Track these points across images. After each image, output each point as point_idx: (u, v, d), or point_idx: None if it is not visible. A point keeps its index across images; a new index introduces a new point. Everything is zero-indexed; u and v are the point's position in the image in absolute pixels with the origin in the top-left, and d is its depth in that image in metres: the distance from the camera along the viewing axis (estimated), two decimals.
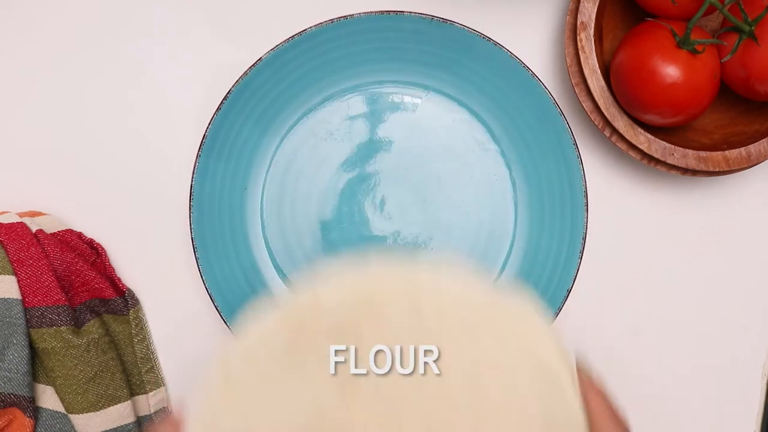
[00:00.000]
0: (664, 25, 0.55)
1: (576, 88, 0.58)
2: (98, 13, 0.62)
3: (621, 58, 0.56)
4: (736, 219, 0.63)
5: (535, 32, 0.62)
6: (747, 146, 0.57)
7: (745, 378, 0.63)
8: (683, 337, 0.63)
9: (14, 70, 0.62)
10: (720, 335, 0.63)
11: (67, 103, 0.62)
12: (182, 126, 0.61)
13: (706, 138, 0.60)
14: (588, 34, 0.57)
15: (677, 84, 0.54)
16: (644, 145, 0.57)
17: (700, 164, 0.57)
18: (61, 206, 0.61)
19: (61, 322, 0.56)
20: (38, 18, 0.62)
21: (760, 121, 0.59)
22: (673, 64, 0.54)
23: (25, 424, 0.55)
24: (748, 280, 0.63)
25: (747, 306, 0.63)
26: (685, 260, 0.63)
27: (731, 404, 0.63)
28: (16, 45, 0.62)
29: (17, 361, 0.55)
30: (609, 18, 0.60)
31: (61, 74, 0.62)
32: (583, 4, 0.57)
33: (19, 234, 0.57)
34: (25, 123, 0.62)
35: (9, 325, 0.55)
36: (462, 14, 0.60)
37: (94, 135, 0.62)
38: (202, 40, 0.62)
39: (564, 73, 0.62)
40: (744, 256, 0.63)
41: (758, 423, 0.63)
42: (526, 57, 0.60)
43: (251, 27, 0.61)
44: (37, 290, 0.56)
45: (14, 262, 0.56)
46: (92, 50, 0.62)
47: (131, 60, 0.62)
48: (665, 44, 0.54)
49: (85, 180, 0.62)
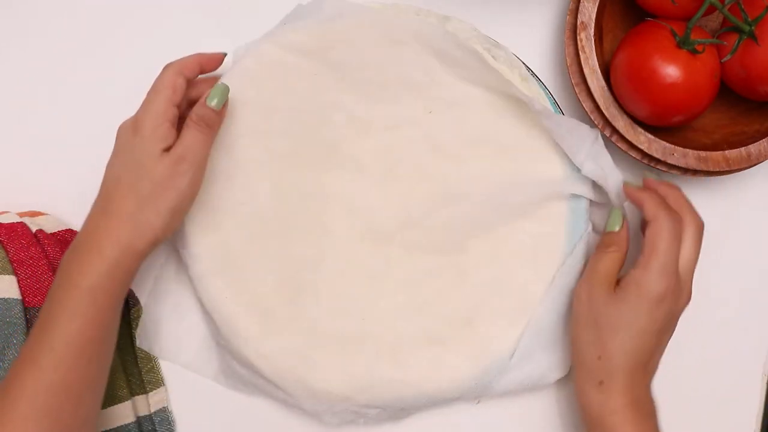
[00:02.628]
0: (664, 25, 0.55)
1: (576, 88, 0.58)
2: (98, 13, 0.62)
3: (621, 58, 0.56)
4: (736, 219, 0.63)
5: (535, 32, 0.62)
6: (747, 146, 0.57)
7: (745, 378, 0.63)
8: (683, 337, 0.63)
9: (14, 71, 0.62)
10: (720, 335, 0.63)
11: (67, 103, 0.62)
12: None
13: (706, 138, 0.60)
14: (588, 34, 0.57)
15: (677, 84, 0.54)
16: (644, 145, 0.57)
17: (700, 164, 0.57)
18: (61, 206, 0.61)
19: None
20: (38, 19, 0.62)
21: (760, 121, 0.59)
22: (673, 64, 0.54)
23: None
24: (748, 280, 0.63)
25: (747, 306, 0.63)
26: None
27: (731, 404, 0.62)
28: (16, 46, 0.62)
29: None
30: (609, 18, 0.60)
31: (62, 75, 0.62)
32: (583, 4, 0.57)
33: (19, 234, 0.57)
34: (26, 123, 0.62)
35: (9, 325, 0.55)
36: (462, 14, 0.60)
37: (94, 135, 0.62)
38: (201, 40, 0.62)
39: (564, 73, 0.62)
40: (744, 256, 0.63)
41: (758, 423, 0.63)
42: (526, 57, 0.60)
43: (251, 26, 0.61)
44: (37, 290, 0.56)
45: (14, 262, 0.56)
46: (93, 51, 0.62)
47: (131, 60, 0.62)
48: (665, 44, 0.54)
49: (85, 180, 0.62)
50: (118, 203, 0.51)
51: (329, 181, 0.58)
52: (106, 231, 0.51)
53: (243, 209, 0.57)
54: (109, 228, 0.51)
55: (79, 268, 0.50)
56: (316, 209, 0.58)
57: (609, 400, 0.52)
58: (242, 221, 0.57)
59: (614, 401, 0.51)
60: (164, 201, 0.51)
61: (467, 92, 0.57)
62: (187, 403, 0.61)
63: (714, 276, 0.63)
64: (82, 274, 0.50)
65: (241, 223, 0.57)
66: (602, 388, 0.52)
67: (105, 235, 0.51)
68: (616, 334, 0.51)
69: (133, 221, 0.51)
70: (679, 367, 0.62)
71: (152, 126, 0.51)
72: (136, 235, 0.51)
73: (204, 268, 0.58)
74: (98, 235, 0.51)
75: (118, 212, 0.51)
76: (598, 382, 0.52)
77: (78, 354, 0.49)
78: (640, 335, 0.51)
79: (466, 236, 0.58)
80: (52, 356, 0.48)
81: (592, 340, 0.52)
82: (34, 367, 0.48)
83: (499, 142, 0.57)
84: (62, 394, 0.48)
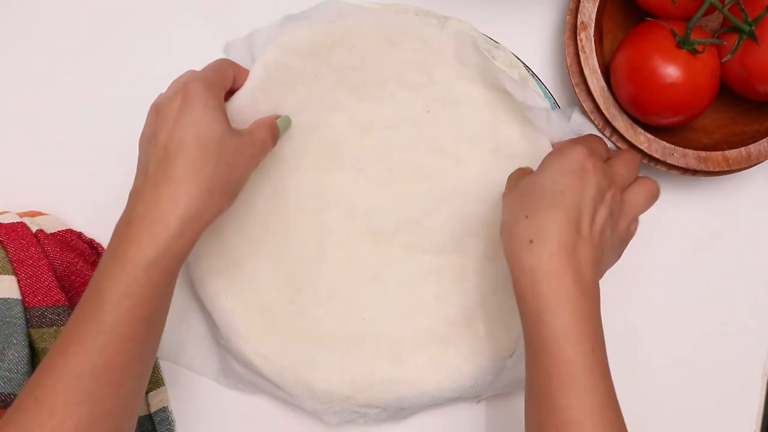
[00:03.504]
0: (664, 25, 0.55)
1: (576, 88, 0.58)
2: (98, 14, 0.62)
3: (621, 58, 0.56)
4: (736, 219, 0.63)
5: (535, 32, 0.62)
6: (747, 146, 0.57)
7: (745, 378, 0.63)
8: (683, 337, 0.63)
9: (14, 71, 0.62)
10: (720, 335, 0.63)
11: (67, 103, 0.62)
12: None
13: (706, 138, 0.60)
14: (588, 34, 0.57)
15: (677, 84, 0.54)
16: (644, 145, 0.57)
17: (700, 164, 0.57)
18: (61, 206, 0.61)
19: (61, 322, 0.56)
20: (38, 19, 0.62)
21: (760, 121, 0.59)
22: (673, 64, 0.54)
23: None
24: (748, 280, 0.63)
25: (747, 306, 0.63)
26: (685, 260, 0.63)
27: (731, 404, 0.62)
28: (16, 46, 0.62)
29: (17, 361, 0.55)
30: (609, 18, 0.60)
31: (62, 75, 0.62)
32: (583, 4, 0.57)
33: (19, 234, 0.57)
34: (26, 123, 0.62)
35: (9, 325, 0.55)
36: (462, 14, 0.60)
37: (94, 135, 0.62)
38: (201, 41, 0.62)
39: (564, 73, 0.62)
40: (744, 256, 0.63)
41: (758, 423, 0.63)
42: (526, 57, 0.60)
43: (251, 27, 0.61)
44: (37, 290, 0.56)
45: (14, 262, 0.56)
46: (93, 51, 0.62)
47: (131, 61, 0.62)
48: (665, 44, 0.54)
49: (85, 180, 0.62)
50: (184, 166, 0.47)
51: (329, 182, 0.58)
52: (169, 197, 0.46)
53: (243, 209, 0.57)
54: (174, 194, 0.46)
55: (138, 239, 0.46)
56: (316, 209, 0.58)
57: (542, 263, 0.46)
58: (242, 221, 0.57)
59: (548, 264, 0.46)
60: (238, 170, 0.49)
61: (466, 92, 0.57)
62: (187, 403, 0.61)
63: (714, 276, 0.63)
64: (140, 246, 0.46)
65: (241, 223, 0.57)
66: (532, 247, 0.46)
67: (168, 200, 0.46)
68: (542, 194, 0.48)
69: (206, 185, 0.47)
70: (680, 367, 0.62)
71: (219, 102, 0.50)
72: (206, 201, 0.47)
73: (204, 268, 0.58)
74: (160, 201, 0.47)
75: (184, 176, 0.47)
76: (527, 242, 0.47)
77: (127, 337, 0.46)
78: (568, 195, 0.47)
79: (466, 236, 0.58)
80: (99, 338, 0.45)
81: (520, 206, 0.49)
82: (79, 347, 0.45)
83: (498, 141, 0.57)
84: (104, 378, 0.45)
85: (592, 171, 0.48)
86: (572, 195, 0.48)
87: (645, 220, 0.63)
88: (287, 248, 0.58)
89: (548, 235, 0.46)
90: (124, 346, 0.46)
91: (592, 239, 0.47)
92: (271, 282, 0.57)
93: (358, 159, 0.58)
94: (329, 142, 0.58)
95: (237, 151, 0.50)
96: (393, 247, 0.58)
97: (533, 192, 0.49)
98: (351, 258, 0.58)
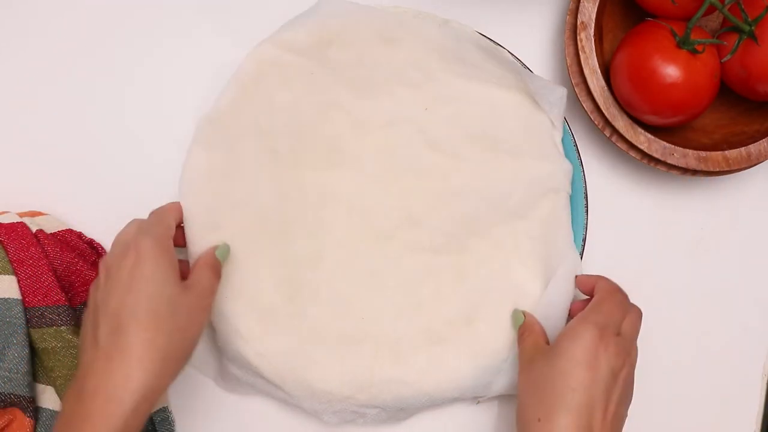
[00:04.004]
0: (664, 25, 0.55)
1: (576, 88, 0.58)
2: (98, 14, 0.62)
3: (621, 58, 0.56)
4: (736, 219, 0.63)
5: (535, 32, 0.62)
6: (747, 146, 0.57)
7: (745, 378, 0.63)
8: (683, 337, 0.63)
9: (14, 71, 0.62)
10: (720, 335, 0.63)
11: (67, 103, 0.62)
12: (182, 127, 0.61)
13: (706, 138, 0.60)
14: (588, 34, 0.57)
15: (677, 84, 0.54)
16: (644, 145, 0.57)
17: (700, 164, 0.57)
18: (61, 206, 0.61)
19: (61, 322, 0.56)
20: (38, 19, 0.62)
21: (760, 121, 0.59)
22: (673, 64, 0.54)
23: (25, 424, 0.55)
24: (748, 280, 0.63)
25: (747, 306, 0.63)
26: (685, 260, 0.63)
27: (731, 404, 0.62)
28: (16, 46, 0.62)
29: (17, 361, 0.55)
30: (609, 18, 0.60)
31: (61, 75, 0.62)
32: (583, 4, 0.57)
33: (19, 234, 0.57)
34: (26, 123, 0.62)
35: (9, 325, 0.55)
36: (462, 14, 0.60)
37: (94, 135, 0.62)
38: (201, 41, 0.62)
39: (564, 73, 0.62)
40: (744, 256, 0.63)
41: (758, 423, 0.63)
42: (526, 57, 0.60)
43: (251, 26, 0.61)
44: (37, 290, 0.56)
45: (14, 262, 0.56)
46: (92, 51, 0.62)
47: (131, 61, 0.62)
48: (665, 44, 0.54)
49: (85, 180, 0.62)
50: (137, 339, 0.45)
51: (328, 180, 0.58)
52: (122, 373, 0.45)
53: (242, 209, 0.57)
54: (128, 370, 0.45)
55: (92, 419, 0.44)
56: (316, 208, 0.58)
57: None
58: (242, 221, 0.57)
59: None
60: (192, 331, 0.48)
61: (464, 89, 0.57)
62: (187, 403, 0.61)
63: (714, 276, 0.63)
64: (94, 427, 0.44)
65: (241, 223, 0.57)
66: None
67: (121, 377, 0.44)
68: (553, 392, 0.48)
69: (161, 356, 0.45)
70: (680, 367, 0.62)
71: (170, 257, 0.49)
72: (161, 372, 0.46)
73: None
74: (113, 377, 0.45)
75: (138, 349, 0.45)
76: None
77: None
78: (579, 392, 0.47)
79: (466, 235, 0.58)
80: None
81: (534, 403, 0.49)
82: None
83: (497, 139, 0.57)
84: None
85: (603, 356, 0.48)
86: (584, 391, 0.47)
87: (645, 221, 0.63)
88: (287, 248, 0.57)
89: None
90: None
91: (604, 427, 0.48)
92: (271, 281, 0.57)
93: (357, 157, 0.58)
94: (328, 140, 0.58)
95: (189, 311, 0.49)
96: (392, 246, 0.58)
97: (544, 388, 0.49)
98: (350, 257, 0.58)
